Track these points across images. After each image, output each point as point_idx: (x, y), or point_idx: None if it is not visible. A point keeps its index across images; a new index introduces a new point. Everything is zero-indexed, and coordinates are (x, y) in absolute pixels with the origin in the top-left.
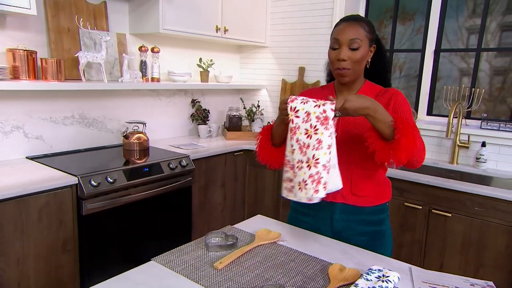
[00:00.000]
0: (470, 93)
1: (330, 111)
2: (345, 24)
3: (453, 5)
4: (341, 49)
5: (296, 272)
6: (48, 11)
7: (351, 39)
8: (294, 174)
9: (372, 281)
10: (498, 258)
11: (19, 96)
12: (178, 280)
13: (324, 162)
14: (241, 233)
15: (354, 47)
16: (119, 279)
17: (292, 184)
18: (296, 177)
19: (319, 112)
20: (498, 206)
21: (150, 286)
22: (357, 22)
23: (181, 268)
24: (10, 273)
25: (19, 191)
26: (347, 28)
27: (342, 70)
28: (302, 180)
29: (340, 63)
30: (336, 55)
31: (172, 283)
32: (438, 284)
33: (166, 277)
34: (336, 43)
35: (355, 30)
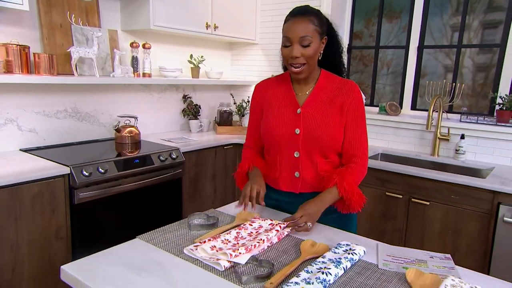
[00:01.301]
0: (452, 88)
1: (279, 231)
2: (293, 20)
3: (437, 3)
4: (292, 46)
5: (270, 248)
6: (41, 7)
7: (301, 37)
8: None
9: (339, 254)
10: (471, 243)
11: (12, 90)
12: (161, 254)
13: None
14: (222, 215)
15: (305, 44)
16: (105, 253)
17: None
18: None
19: (269, 227)
20: (472, 193)
21: (134, 259)
22: (306, 16)
23: (163, 244)
24: (4, 259)
25: (12, 180)
26: (296, 25)
27: (297, 67)
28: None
29: (293, 60)
30: (288, 53)
31: (155, 256)
32: (400, 256)
33: (150, 251)
34: (288, 41)
35: (304, 26)
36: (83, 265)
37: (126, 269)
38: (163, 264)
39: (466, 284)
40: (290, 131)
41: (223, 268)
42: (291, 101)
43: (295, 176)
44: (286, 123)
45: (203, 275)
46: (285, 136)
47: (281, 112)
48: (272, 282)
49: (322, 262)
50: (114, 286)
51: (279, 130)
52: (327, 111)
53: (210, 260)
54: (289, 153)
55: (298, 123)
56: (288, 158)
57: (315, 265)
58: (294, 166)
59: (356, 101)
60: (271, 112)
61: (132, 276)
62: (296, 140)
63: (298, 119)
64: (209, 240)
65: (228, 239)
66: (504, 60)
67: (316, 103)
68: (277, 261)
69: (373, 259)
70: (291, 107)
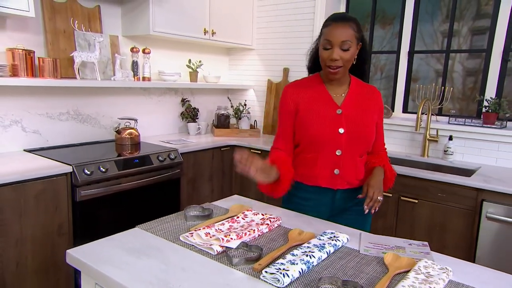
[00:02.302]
0: (441, 92)
1: (269, 224)
2: (335, 25)
3: (428, 11)
4: (333, 49)
5: (260, 236)
6: (46, 14)
7: (342, 41)
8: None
9: (323, 240)
10: (457, 239)
11: (17, 93)
12: (158, 240)
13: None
14: (216, 208)
15: (345, 48)
16: (108, 239)
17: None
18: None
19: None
20: (457, 191)
21: (134, 244)
22: (347, 22)
23: (161, 232)
24: (9, 253)
25: (17, 177)
26: (338, 30)
27: (335, 69)
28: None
29: (332, 62)
30: (328, 55)
31: (153, 242)
32: (381, 244)
33: (148, 238)
34: (328, 44)
35: (345, 31)
36: (87, 250)
37: (126, 253)
38: (161, 249)
39: (437, 265)
40: (334, 130)
41: (215, 252)
42: (328, 102)
43: (334, 173)
44: (329, 123)
45: (197, 258)
46: (329, 135)
47: (321, 112)
48: (260, 263)
49: (307, 247)
50: (115, 267)
51: (323, 129)
52: (364, 112)
53: (204, 246)
54: (331, 151)
55: (340, 123)
56: (329, 156)
57: (300, 249)
58: (335, 164)
59: (381, 105)
60: (310, 112)
61: (131, 259)
62: (339, 139)
63: (340, 119)
64: (204, 229)
65: (222, 229)
66: (490, 65)
67: (354, 104)
68: (266, 247)
69: (355, 246)
70: (330, 107)
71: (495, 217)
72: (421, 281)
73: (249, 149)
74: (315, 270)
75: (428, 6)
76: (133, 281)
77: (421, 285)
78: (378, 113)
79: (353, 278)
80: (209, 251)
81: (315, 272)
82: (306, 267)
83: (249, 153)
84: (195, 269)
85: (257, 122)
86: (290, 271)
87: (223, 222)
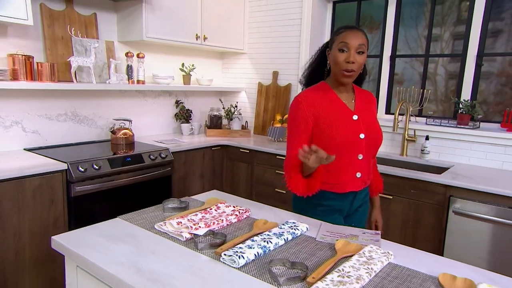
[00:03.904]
0: (421, 94)
1: (238, 215)
2: (351, 31)
3: (413, 16)
4: (350, 52)
5: (228, 225)
6: (44, 22)
7: (359, 44)
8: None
9: (284, 229)
10: (428, 233)
11: (18, 95)
12: (135, 229)
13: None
14: (194, 201)
15: (361, 51)
16: (89, 228)
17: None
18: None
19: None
20: (428, 188)
21: (113, 232)
22: (360, 30)
23: (139, 222)
24: (8, 244)
25: (15, 174)
26: (356, 34)
27: (350, 72)
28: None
29: (349, 65)
30: (345, 58)
31: (130, 230)
32: (338, 232)
33: (127, 227)
34: (345, 47)
35: (361, 37)
36: (70, 236)
37: (105, 240)
38: (136, 236)
39: (381, 250)
40: (356, 136)
41: (184, 238)
42: (343, 109)
43: (356, 177)
44: (351, 129)
45: (168, 244)
46: (352, 141)
47: (341, 120)
48: (222, 248)
49: (267, 235)
50: (93, 251)
51: (347, 136)
52: (373, 116)
53: (175, 233)
54: (354, 156)
55: (360, 128)
56: (352, 161)
57: (260, 236)
58: (357, 168)
59: (376, 110)
60: (331, 121)
61: (109, 244)
62: (360, 144)
63: (359, 124)
64: (177, 218)
65: (194, 219)
66: (465, 69)
67: (364, 109)
68: (232, 234)
69: (314, 235)
70: (346, 114)
71: (461, 211)
72: (361, 263)
73: (239, 148)
74: (271, 254)
75: (413, 11)
76: (108, 262)
77: (360, 266)
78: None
79: (303, 260)
80: (179, 237)
81: (270, 255)
82: (262, 251)
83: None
84: (164, 253)
85: (248, 122)
86: (246, 254)
87: (197, 213)
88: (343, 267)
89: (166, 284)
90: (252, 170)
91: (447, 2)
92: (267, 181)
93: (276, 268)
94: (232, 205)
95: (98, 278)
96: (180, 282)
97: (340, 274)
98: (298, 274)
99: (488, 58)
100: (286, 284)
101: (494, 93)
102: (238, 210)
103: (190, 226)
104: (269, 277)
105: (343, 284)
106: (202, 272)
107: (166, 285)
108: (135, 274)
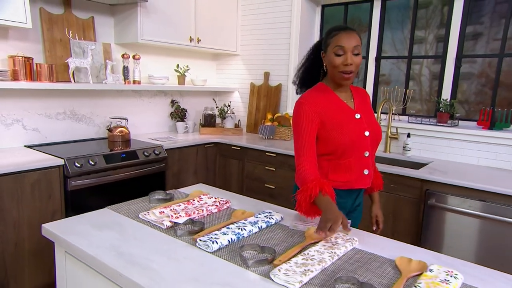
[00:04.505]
0: (404, 94)
1: (218, 206)
2: (346, 33)
3: (399, 20)
4: (346, 54)
5: (209, 215)
6: (44, 25)
7: (354, 46)
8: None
9: (259, 218)
10: (406, 225)
11: (18, 95)
12: (121, 218)
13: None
14: (178, 193)
15: (356, 52)
16: (78, 217)
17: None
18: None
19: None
20: (406, 182)
21: (100, 220)
22: (352, 30)
23: (125, 212)
24: (8, 235)
25: (15, 168)
26: (350, 36)
27: (349, 74)
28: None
29: (347, 67)
30: (343, 61)
31: (116, 219)
32: (311, 222)
33: (113, 216)
34: (341, 50)
35: (355, 38)
36: (60, 225)
37: (92, 227)
38: (121, 224)
39: (347, 236)
40: (361, 134)
41: (165, 226)
42: (345, 109)
43: (364, 174)
44: (356, 128)
45: (149, 231)
46: (358, 140)
47: (344, 119)
48: (199, 234)
49: (242, 223)
50: (80, 237)
51: (353, 135)
52: (371, 113)
53: (157, 221)
54: (361, 154)
55: (364, 127)
56: (359, 158)
57: (236, 224)
58: (364, 165)
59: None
60: (336, 122)
61: (95, 231)
62: (366, 141)
63: (362, 123)
64: (160, 208)
65: (176, 209)
66: (446, 70)
67: (363, 107)
68: (211, 223)
69: (287, 223)
70: (348, 113)
71: (436, 204)
72: (326, 248)
73: (230, 146)
74: (244, 240)
75: (399, 15)
76: (92, 247)
77: (325, 250)
78: (369, 106)
79: (273, 246)
80: (160, 225)
81: (243, 241)
82: (236, 237)
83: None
84: (145, 239)
85: (241, 121)
86: (219, 240)
87: (180, 204)
88: (309, 251)
89: (143, 266)
90: (243, 166)
91: (431, 7)
92: (257, 176)
93: (247, 253)
94: (214, 197)
95: (84, 262)
96: (156, 264)
97: (304, 257)
98: (266, 257)
99: (469, 60)
100: (254, 266)
101: (475, 93)
102: (219, 201)
103: (171, 215)
104: (239, 260)
105: (306, 266)
106: (178, 256)
107: (143, 267)
108: (115, 257)
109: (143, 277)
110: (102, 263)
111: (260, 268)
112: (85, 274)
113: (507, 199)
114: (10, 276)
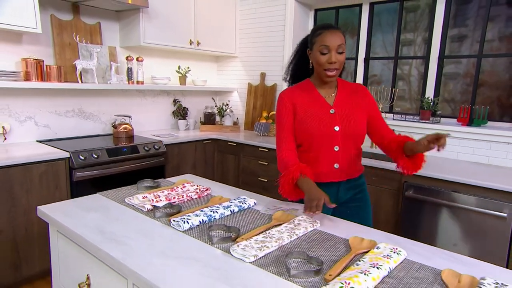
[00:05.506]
0: (391, 93)
1: (204, 190)
2: (330, 31)
3: (389, 22)
4: (330, 53)
5: (189, 200)
6: (54, 30)
7: (338, 45)
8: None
9: (233, 203)
10: (387, 216)
11: (30, 94)
12: (109, 202)
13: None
14: (165, 182)
15: (340, 51)
16: (70, 201)
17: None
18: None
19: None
20: (386, 175)
21: (89, 205)
22: (337, 29)
23: (114, 198)
24: (19, 220)
25: (24, 160)
26: (334, 35)
27: (333, 71)
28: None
29: (331, 65)
30: (327, 59)
31: (104, 203)
32: (281, 206)
33: (102, 201)
34: (326, 49)
35: (339, 36)
36: (54, 207)
37: (81, 210)
38: (107, 207)
39: (309, 219)
40: (330, 129)
41: (146, 209)
42: (321, 103)
43: (334, 168)
44: (325, 122)
45: (131, 213)
46: (326, 134)
47: (317, 114)
48: (175, 216)
49: (216, 207)
50: (69, 218)
51: (321, 129)
52: (354, 110)
53: (139, 205)
54: (330, 148)
55: (335, 122)
56: (328, 152)
57: (210, 207)
58: (334, 159)
59: (373, 99)
60: (308, 115)
61: (83, 213)
62: (335, 136)
63: (334, 118)
64: (144, 193)
65: (159, 195)
66: (429, 70)
67: (344, 103)
68: (189, 207)
69: (260, 207)
70: (324, 108)
71: (413, 196)
72: (288, 229)
73: (227, 142)
74: (215, 221)
75: (389, 19)
76: (78, 227)
77: (286, 230)
78: (370, 106)
79: (241, 227)
80: (142, 208)
81: (213, 223)
82: (208, 219)
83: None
84: (127, 220)
85: (240, 119)
86: (191, 220)
87: (164, 190)
88: (270, 230)
89: (120, 242)
90: (239, 161)
91: (419, 10)
92: (252, 170)
93: (214, 232)
94: (196, 184)
95: (72, 240)
96: (132, 240)
97: (264, 236)
98: (231, 235)
99: (455, 61)
100: (219, 243)
101: (460, 92)
102: (199, 188)
103: (151, 199)
104: (206, 238)
105: (264, 242)
106: (153, 234)
107: (120, 243)
108: (97, 234)
109: (117, 251)
110: (85, 240)
111: (224, 245)
112: (73, 250)
113: (478, 190)
114: (22, 258)
